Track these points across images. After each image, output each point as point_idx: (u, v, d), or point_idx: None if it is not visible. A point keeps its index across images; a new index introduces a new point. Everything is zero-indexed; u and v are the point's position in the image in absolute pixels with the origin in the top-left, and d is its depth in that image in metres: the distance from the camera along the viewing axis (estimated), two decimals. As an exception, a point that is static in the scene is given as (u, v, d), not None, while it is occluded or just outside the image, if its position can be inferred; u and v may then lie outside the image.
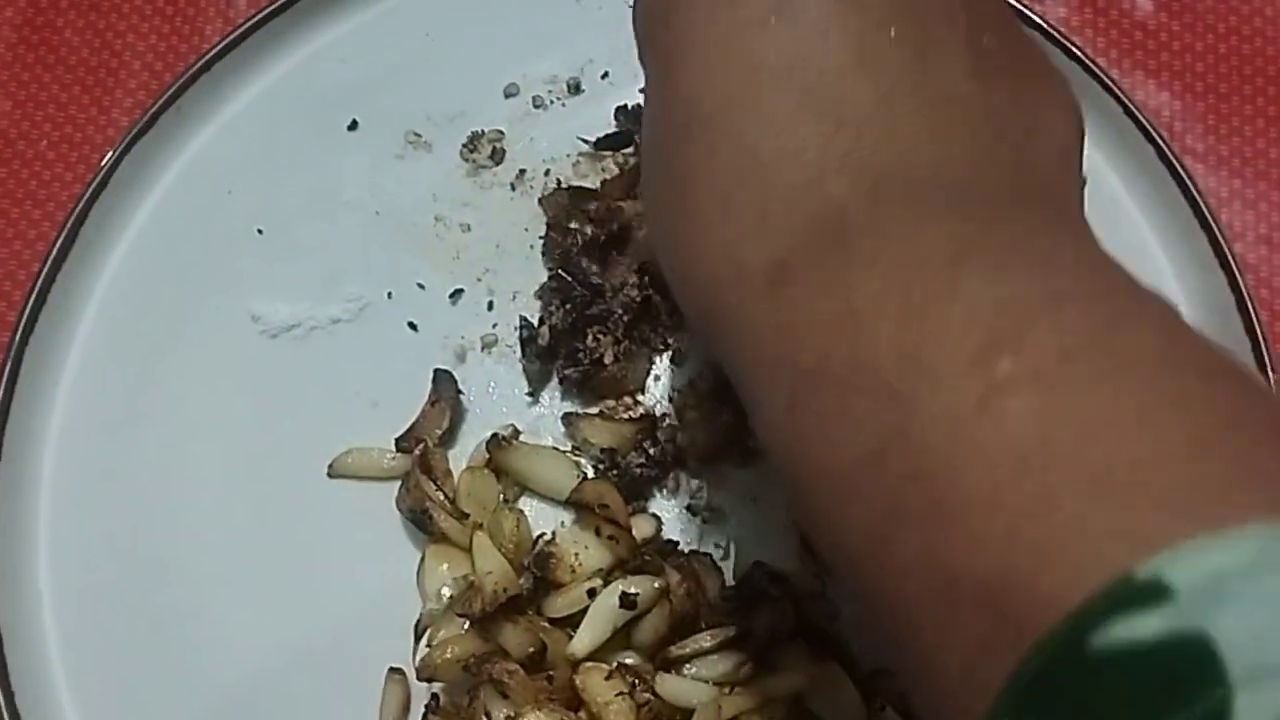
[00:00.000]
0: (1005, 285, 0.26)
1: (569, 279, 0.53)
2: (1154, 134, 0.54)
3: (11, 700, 0.48)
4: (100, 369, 0.54)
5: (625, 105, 0.56)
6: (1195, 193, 0.53)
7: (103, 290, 0.55)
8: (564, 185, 0.55)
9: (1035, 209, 0.30)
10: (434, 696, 0.48)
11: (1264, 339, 0.50)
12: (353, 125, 0.57)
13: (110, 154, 0.55)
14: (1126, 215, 0.55)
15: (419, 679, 0.47)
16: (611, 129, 0.56)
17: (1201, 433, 0.23)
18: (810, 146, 0.30)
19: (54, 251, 0.54)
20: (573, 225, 0.54)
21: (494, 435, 0.51)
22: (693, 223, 0.32)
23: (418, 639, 0.48)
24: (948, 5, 0.32)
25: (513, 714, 0.45)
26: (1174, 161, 0.53)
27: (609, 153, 0.56)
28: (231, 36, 0.56)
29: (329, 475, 0.52)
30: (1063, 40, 0.55)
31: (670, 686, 0.46)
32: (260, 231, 0.55)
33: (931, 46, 0.31)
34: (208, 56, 0.56)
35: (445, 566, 0.49)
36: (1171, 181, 0.54)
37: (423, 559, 0.50)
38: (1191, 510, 0.22)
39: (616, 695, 0.45)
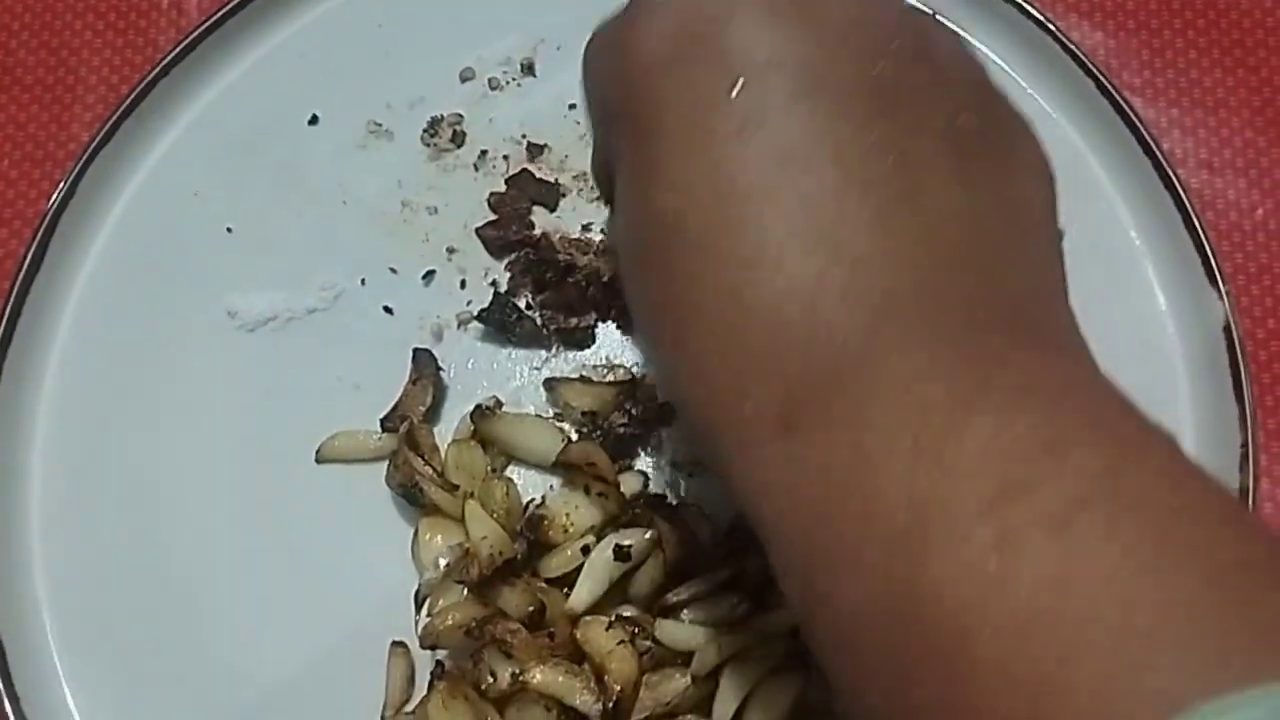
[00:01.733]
0: (1016, 426, 0.26)
1: (535, 257, 0.55)
2: (1093, 70, 0.56)
3: (17, 703, 0.48)
4: (80, 379, 0.54)
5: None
6: (1137, 121, 0.54)
7: (76, 300, 0.55)
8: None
9: (1033, 327, 0.30)
10: (438, 664, 0.48)
11: (1213, 254, 0.52)
12: (313, 120, 0.58)
13: (74, 165, 0.55)
14: (1075, 152, 0.56)
15: (422, 647, 0.48)
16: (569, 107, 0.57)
17: (1214, 584, 0.23)
18: (802, 280, 0.28)
19: (24, 266, 0.54)
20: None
21: (477, 406, 0.52)
22: (686, 355, 0.31)
23: (418, 609, 0.49)
24: (927, 88, 0.31)
25: (518, 671, 0.46)
26: (1114, 94, 0.55)
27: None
28: (185, 42, 0.57)
29: (317, 461, 0.52)
30: (997, -14, 0.57)
31: (669, 631, 0.47)
32: (229, 230, 0.56)
33: (914, 147, 0.30)
34: (163, 63, 0.57)
35: (439, 538, 0.50)
36: (1114, 114, 0.55)
37: (416, 533, 0.50)
38: (1209, 669, 0.22)
39: (618, 644, 0.46)
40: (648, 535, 0.48)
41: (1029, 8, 0.56)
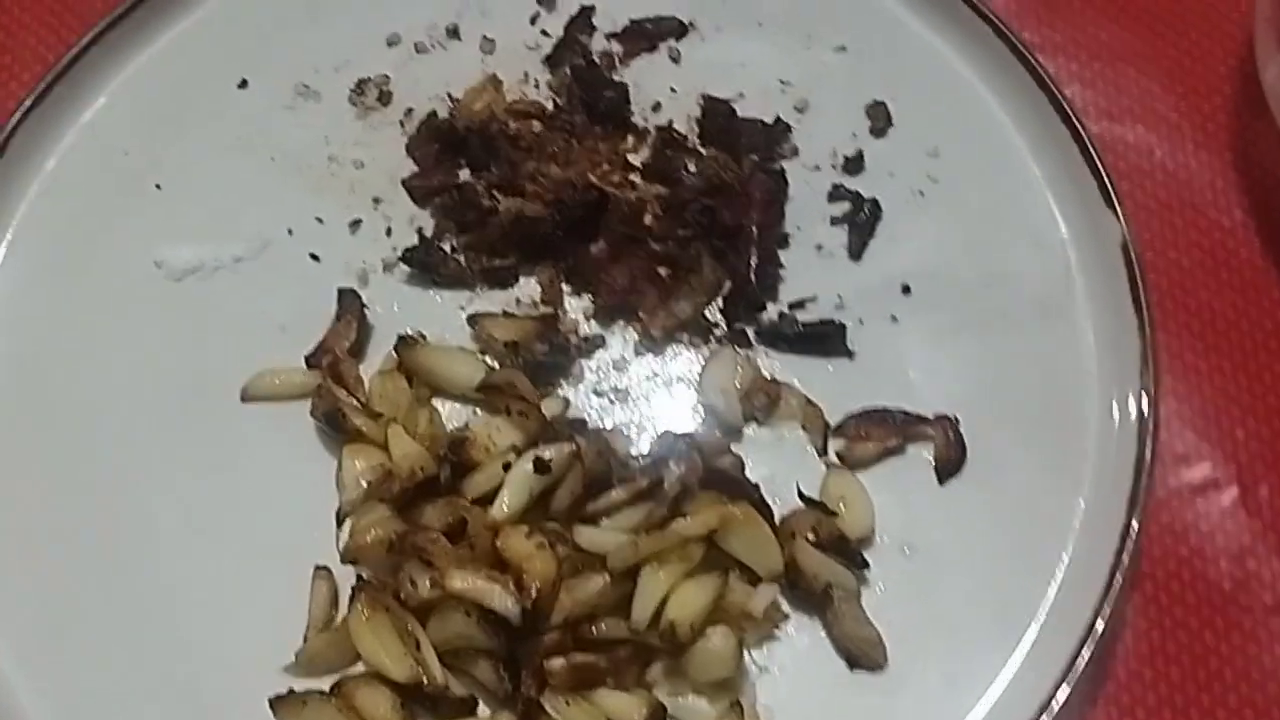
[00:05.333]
0: None
1: (457, 199, 0.56)
2: (994, 21, 0.58)
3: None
4: (11, 327, 0.54)
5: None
6: (1034, 64, 0.57)
7: (6, 251, 0.56)
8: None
9: None
10: (359, 578, 0.48)
11: (1109, 178, 0.54)
12: (242, 83, 0.59)
13: (5, 124, 0.56)
14: (981, 102, 0.59)
15: (343, 562, 0.48)
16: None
17: None
18: None
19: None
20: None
21: (401, 336, 0.52)
22: None
23: (339, 526, 0.49)
24: None
25: (437, 577, 0.46)
26: (1013, 40, 0.58)
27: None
28: (117, 10, 0.59)
29: (242, 400, 0.53)
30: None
31: (588, 536, 0.47)
32: (158, 186, 0.57)
33: None
34: (97, 28, 0.58)
35: (361, 463, 0.50)
36: (1014, 61, 0.58)
37: (340, 461, 0.51)
38: None
39: (537, 548, 0.46)
40: (567, 449, 0.48)
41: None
